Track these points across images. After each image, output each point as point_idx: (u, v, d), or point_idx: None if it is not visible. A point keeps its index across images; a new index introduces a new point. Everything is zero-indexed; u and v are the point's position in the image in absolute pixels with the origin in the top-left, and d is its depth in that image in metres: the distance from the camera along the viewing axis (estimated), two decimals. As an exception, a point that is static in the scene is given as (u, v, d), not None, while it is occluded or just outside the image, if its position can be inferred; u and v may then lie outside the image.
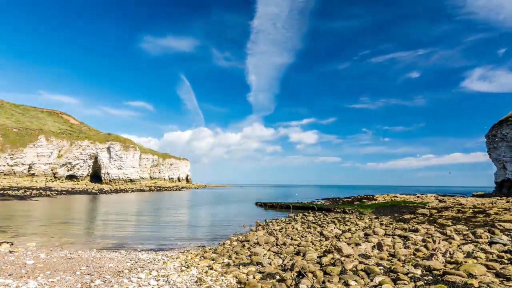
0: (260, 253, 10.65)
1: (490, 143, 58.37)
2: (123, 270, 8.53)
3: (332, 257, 9.35)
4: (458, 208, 26.37)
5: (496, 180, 58.45)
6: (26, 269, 8.30)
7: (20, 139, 76.31)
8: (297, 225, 19.00)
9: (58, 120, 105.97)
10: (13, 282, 7.02)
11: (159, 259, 10.29)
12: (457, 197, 46.05)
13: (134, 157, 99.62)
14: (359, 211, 28.86)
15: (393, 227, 17.04)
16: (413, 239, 12.25)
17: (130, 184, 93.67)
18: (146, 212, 30.28)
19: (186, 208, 36.77)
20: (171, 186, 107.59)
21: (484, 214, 20.96)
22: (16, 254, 10.25)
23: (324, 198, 54.60)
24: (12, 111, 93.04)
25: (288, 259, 9.57)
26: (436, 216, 21.68)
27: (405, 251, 10.01)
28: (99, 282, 7.28)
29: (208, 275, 8.19)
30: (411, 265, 8.34)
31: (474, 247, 10.46)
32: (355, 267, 8.20)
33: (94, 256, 10.44)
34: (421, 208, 27.65)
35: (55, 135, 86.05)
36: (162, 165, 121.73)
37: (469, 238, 12.75)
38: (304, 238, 14.11)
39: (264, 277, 7.74)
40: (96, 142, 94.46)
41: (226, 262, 9.69)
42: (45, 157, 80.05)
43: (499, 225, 14.92)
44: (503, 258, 8.81)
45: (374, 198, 44.72)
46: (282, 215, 27.84)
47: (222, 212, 31.93)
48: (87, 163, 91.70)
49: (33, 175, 76.60)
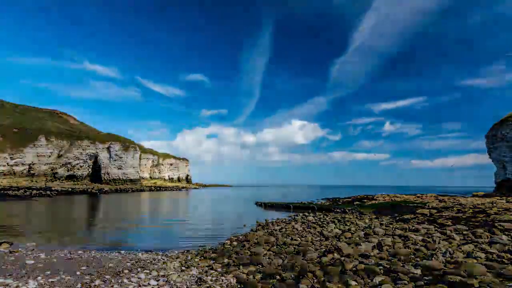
0: (260, 253, 10.65)
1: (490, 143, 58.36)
2: (123, 270, 8.52)
3: (332, 257, 9.34)
4: (458, 208, 26.36)
5: (496, 180, 58.45)
6: (26, 269, 8.30)
7: (20, 139, 76.30)
8: (297, 225, 18.99)
9: (58, 120, 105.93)
10: (13, 282, 7.01)
11: (159, 259, 10.29)
12: (457, 197, 46.03)
13: (134, 157, 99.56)
14: (359, 211, 28.85)
15: (393, 227, 17.03)
16: (413, 239, 12.24)
17: (130, 184, 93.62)
18: (145, 212, 30.28)
19: (186, 208, 36.76)
20: (171, 186, 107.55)
21: (484, 214, 20.95)
22: (16, 254, 10.24)
23: (324, 198, 54.62)
24: (12, 111, 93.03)
25: (288, 259, 9.57)
26: (436, 216, 21.67)
27: (405, 251, 10.00)
28: (99, 282, 7.28)
29: (208, 275, 8.19)
30: (411, 265, 8.33)
31: (474, 247, 10.45)
32: (355, 267, 8.19)
33: (94, 256, 10.43)
34: (421, 208, 27.64)
35: (55, 135, 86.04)
36: (162, 165, 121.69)
37: (469, 238, 12.74)
38: (304, 238, 14.09)
39: (264, 277, 7.74)
40: (96, 142, 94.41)
41: (226, 262, 9.68)
42: (45, 157, 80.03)
43: (499, 225, 14.91)
44: (503, 258, 8.80)
45: (374, 198, 44.71)
46: (282, 215, 27.83)
47: (222, 212, 31.92)
48: (87, 163, 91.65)
49: (33, 175, 76.57)
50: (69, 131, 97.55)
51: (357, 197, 50.04)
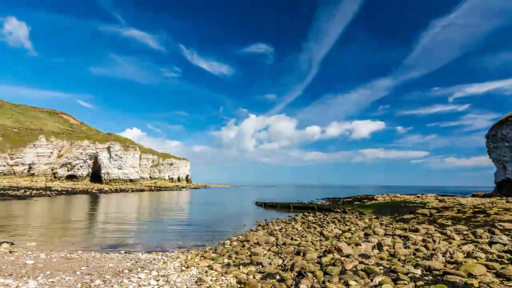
0: (260, 253, 10.65)
1: (490, 143, 58.38)
2: (123, 270, 8.52)
3: (332, 257, 9.34)
4: (458, 208, 26.35)
5: (496, 180, 58.47)
6: (26, 269, 8.30)
7: (20, 139, 76.32)
8: (297, 225, 19.00)
9: (58, 120, 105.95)
10: (13, 282, 7.01)
11: (159, 259, 10.29)
12: (457, 197, 46.05)
13: (134, 157, 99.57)
14: (359, 211, 28.86)
15: (393, 227, 17.03)
16: (413, 239, 12.24)
17: (130, 184, 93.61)
18: (146, 212, 30.28)
19: (186, 208, 36.76)
20: (171, 186, 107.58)
21: (484, 214, 20.95)
22: (16, 254, 10.24)
23: (324, 198, 54.64)
24: (12, 111, 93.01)
25: (288, 259, 9.57)
26: (436, 216, 21.67)
27: (405, 251, 10.00)
28: (99, 282, 7.28)
29: (208, 275, 8.18)
30: (411, 265, 8.33)
31: (474, 247, 10.45)
32: (355, 267, 8.19)
33: (94, 256, 10.43)
34: (421, 208, 27.63)
35: (55, 135, 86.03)
36: (162, 165, 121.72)
37: (469, 238, 12.74)
38: (304, 238, 14.10)
39: (264, 277, 7.74)
40: (96, 142, 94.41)
41: (226, 262, 9.69)
42: (45, 157, 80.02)
43: (499, 225, 14.92)
44: (503, 258, 8.80)
45: (374, 198, 44.73)
46: (282, 215, 27.83)
47: (222, 212, 31.91)
48: (87, 163, 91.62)
49: (33, 175, 76.58)
50: (69, 131, 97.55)
51: (357, 197, 50.07)
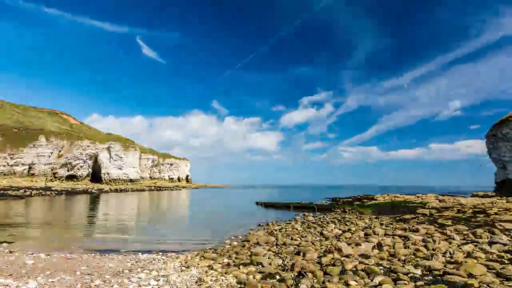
0: (260, 253, 10.65)
1: (490, 143, 58.36)
2: (123, 270, 8.52)
3: (332, 257, 9.34)
4: (458, 208, 26.34)
5: (496, 180, 58.44)
6: (26, 269, 8.30)
7: (20, 139, 76.35)
8: (297, 225, 18.99)
9: (58, 120, 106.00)
10: (13, 282, 7.01)
11: (159, 259, 10.29)
12: (457, 197, 46.01)
13: (134, 157, 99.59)
14: (359, 211, 28.85)
15: (393, 227, 17.02)
16: (413, 239, 12.24)
17: (130, 184, 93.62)
18: (146, 212, 30.27)
19: (186, 208, 36.76)
20: (171, 186, 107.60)
21: (484, 214, 20.94)
22: (16, 254, 10.24)
23: (324, 198, 54.63)
24: (12, 111, 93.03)
25: (288, 259, 9.57)
26: (436, 216, 21.66)
27: (405, 251, 10.00)
28: (99, 282, 7.28)
29: (208, 275, 8.19)
30: (411, 265, 8.33)
31: (474, 247, 10.45)
32: (355, 267, 8.19)
33: (94, 256, 10.43)
34: (421, 208, 27.62)
35: (55, 135, 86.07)
36: (162, 165, 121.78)
37: (469, 238, 12.74)
38: (304, 238, 14.09)
39: (264, 277, 7.74)
40: (96, 142, 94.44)
41: (226, 262, 9.69)
42: (45, 157, 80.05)
43: (499, 225, 14.91)
44: (503, 258, 8.80)
45: (374, 198, 44.70)
46: (282, 215, 27.83)
47: (222, 212, 31.92)
48: (87, 163, 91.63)
49: (33, 175, 76.59)
50: (69, 131, 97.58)
51: (357, 197, 50.07)
